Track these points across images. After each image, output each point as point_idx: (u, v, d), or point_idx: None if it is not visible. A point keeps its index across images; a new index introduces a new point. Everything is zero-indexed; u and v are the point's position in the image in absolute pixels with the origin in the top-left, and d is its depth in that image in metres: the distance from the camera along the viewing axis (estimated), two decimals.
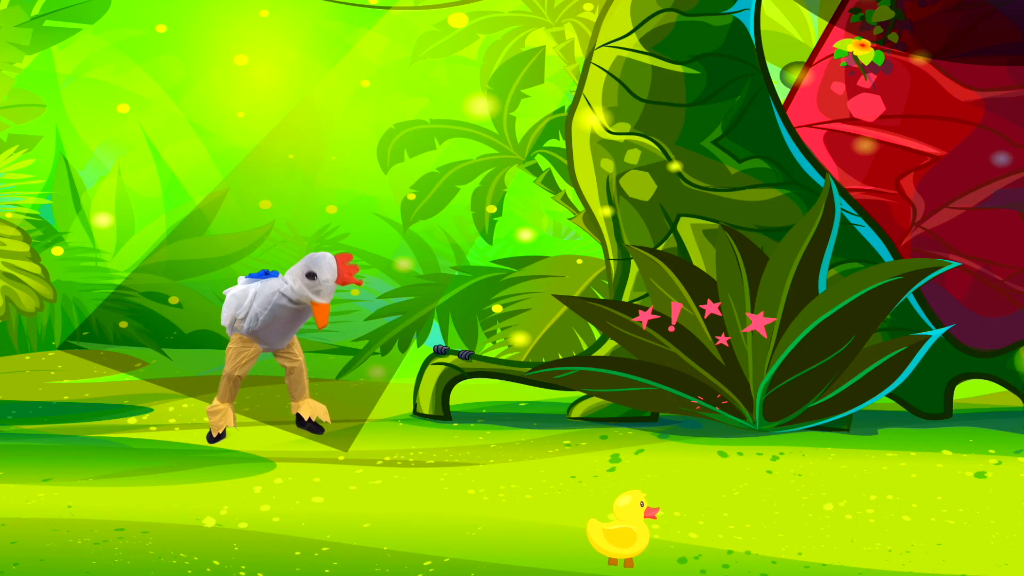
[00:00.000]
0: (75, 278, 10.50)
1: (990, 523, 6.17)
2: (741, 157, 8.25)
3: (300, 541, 5.86)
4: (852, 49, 8.58)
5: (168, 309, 10.50)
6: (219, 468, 7.18)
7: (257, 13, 10.24)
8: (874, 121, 8.60)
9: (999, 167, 8.50)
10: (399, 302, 10.16)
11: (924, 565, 5.61)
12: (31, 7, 10.33)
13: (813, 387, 7.83)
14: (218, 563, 5.59)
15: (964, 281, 8.47)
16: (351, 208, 10.28)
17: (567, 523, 6.16)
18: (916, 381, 8.07)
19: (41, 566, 5.56)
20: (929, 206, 8.56)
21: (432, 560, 5.64)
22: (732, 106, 8.28)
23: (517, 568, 5.61)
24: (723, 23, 8.31)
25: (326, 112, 10.12)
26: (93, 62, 10.42)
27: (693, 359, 7.93)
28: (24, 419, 8.36)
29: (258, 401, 8.79)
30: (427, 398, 8.38)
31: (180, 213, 10.45)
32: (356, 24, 10.14)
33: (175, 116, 10.42)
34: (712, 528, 6.06)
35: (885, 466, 7.18)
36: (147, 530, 5.99)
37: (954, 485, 6.81)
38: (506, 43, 9.99)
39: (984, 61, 8.54)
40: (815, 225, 7.80)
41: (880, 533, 6.01)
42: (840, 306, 7.76)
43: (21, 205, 10.41)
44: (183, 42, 10.37)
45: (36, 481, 6.79)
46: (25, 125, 10.42)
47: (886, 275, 7.82)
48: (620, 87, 8.30)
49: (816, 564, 5.62)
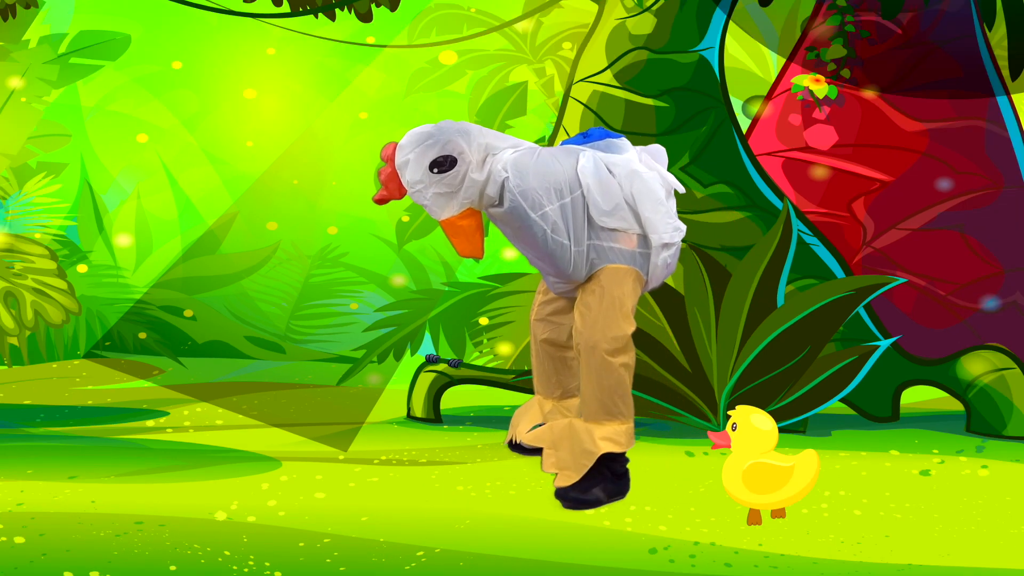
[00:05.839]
0: (98, 293, 10.49)
1: (934, 516, 6.19)
2: (707, 183, 8.27)
3: (304, 533, 5.86)
4: (808, 84, 8.60)
5: (183, 321, 10.49)
6: (229, 467, 7.18)
7: (265, 51, 10.25)
8: (828, 150, 8.62)
9: (942, 192, 8.52)
10: (394, 315, 10.15)
11: (873, 555, 5.62)
12: (58, 46, 10.33)
13: (773, 392, 7.84)
14: (228, 553, 5.59)
15: (910, 296, 8.48)
16: (350, 229, 10.28)
17: (548, 517, 6.17)
18: (866, 387, 8.08)
19: (67, 556, 5.56)
20: (878, 227, 8.58)
21: (424, 551, 5.65)
22: (698, 136, 8.29)
23: (503, 558, 5.62)
24: (690, 60, 8.33)
25: (328, 141, 10.13)
26: (115, 96, 10.42)
27: (662, 366, 7.93)
28: (52, 422, 8.35)
29: (265, 405, 8.79)
30: (420, 403, 8.38)
31: (194, 234, 10.44)
32: (355, 61, 10.14)
33: (190, 145, 10.41)
34: (680, 521, 6.07)
35: (838, 464, 7.19)
36: (164, 523, 5.99)
37: (901, 482, 6.82)
38: (492, 78, 10.00)
39: (929, 95, 8.55)
40: (774, 244, 7.82)
41: (833, 526, 6.02)
42: (797, 318, 7.77)
43: (49, 226, 10.40)
44: (197, 78, 10.37)
45: (62, 479, 6.78)
46: (52, 153, 10.42)
47: (839, 290, 7.83)
48: (596, 119, 8.31)
49: (775, 554, 5.63)
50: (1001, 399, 8.07)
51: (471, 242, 6.26)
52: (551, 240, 6.21)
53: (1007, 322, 8.49)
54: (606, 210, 6.20)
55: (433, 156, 6.12)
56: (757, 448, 6.11)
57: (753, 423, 6.13)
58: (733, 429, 6.11)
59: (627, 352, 6.33)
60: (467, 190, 6.16)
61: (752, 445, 6.10)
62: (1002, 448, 7.67)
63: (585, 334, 6.28)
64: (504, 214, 6.23)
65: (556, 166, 6.24)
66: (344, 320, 10.33)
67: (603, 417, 6.33)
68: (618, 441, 6.36)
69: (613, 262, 6.26)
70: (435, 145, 6.14)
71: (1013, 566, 5.49)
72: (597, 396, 6.31)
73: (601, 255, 6.25)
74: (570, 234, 6.23)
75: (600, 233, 6.24)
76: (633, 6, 8.30)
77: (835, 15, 8.55)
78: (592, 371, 6.30)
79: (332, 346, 10.34)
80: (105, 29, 10.38)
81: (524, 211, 6.16)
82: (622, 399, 6.35)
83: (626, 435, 6.40)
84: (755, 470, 6.08)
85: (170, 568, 5.41)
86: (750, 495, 6.08)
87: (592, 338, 6.25)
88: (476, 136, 6.20)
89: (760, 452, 6.11)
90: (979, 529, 5.99)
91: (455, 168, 6.10)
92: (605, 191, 6.20)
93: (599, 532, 5.96)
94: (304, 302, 10.47)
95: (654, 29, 8.30)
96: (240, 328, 10.51)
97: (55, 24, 10.36)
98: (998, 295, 8.50)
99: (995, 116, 8.55)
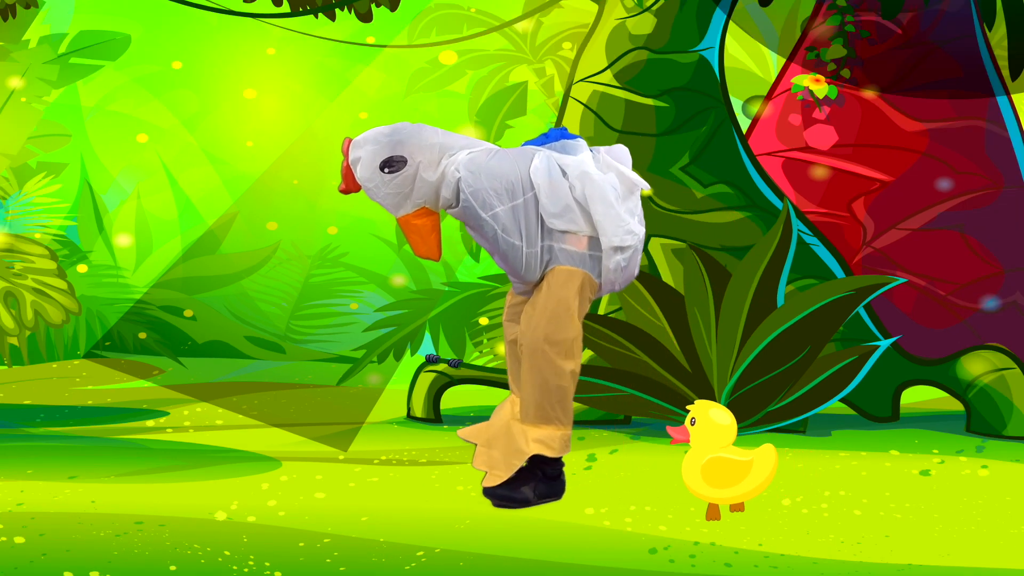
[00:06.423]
0: (98, 293, 10.49)
1: (934, 516, 6.18)
2: (707, 183, 8.26)
3: (304, 533, 5.85)
4: (808, 84, 8.60)
5: (183, 321, 10.50)
6: (229, 467, 7.18)
7: (265, 51, 10.25)
8: (828, 150, 8.61)
9: (942, 192, 8.52)
10: (394, 315, 10.15)
11: (873, 555, 5.61)
12: (58, 46, 10.33)
13: (773, 392, 7.84)
14: (228, 553, 5.58)
15: (910, 296, 8.48)
16: (351, 229, 10.28)
17: (547, 517, 6.16)
18: (866, 387, 8.07)
19: (67, 556, 5.55)
20: (878, 227, 8.57)
21: (424, 551, 5.64)
22: (698, 136, 8.29)
23: (503, 558, 5.61)
24: (690, 60, 8.33)
25: (328, 141, 10.12)
26: (115, 96, 10.43)
27: (662, 366, 7.93)
28: (52, 422, 8.34)
29: (265, 405, 8.79)
30: (420, 402, 8.38)
31: (194, 234, 10.45)
32: (355, 61, 10.15)
33: (190, 145, 10.42)
34: (680, 521, 6.06)
35: (838, 465, 7.18)
36: (164, 523, 5.98)
37: (901, 482, 6.82)
38: (492, 78, 10.01)
39: (929, 95, 8.55)
40: (774, 244, 7.81)
41: (833, 526, 6.01)
42: (797, 318, 7.76)
43: (49, 226, 10.40)
44: (197, 77, 10.38)
45: (62, 478, 6.78)
46: (52, 153, 10.42)
47: (839, 290, 7.82)
48: (596, 119, 8.31)
49: (775, 554, 5.62)
50: (1001, 399, 8.07)
51: (426, 242, 6.28)
52: (502, 240, 6.21)
53: (1007, 322, 8.49)
54: (555, 211, 6.19)
55: (384, 156, 6.17)
56: (716, 442, 6.10)
57: (712, 418, 6.12)
58: (692, 424, 6.11)
59: (572, 357, 6.25)
60: (419, 190, 6.20)
61: (711, 440, 6.10)
62: (1002, 448, 7.67)
63: (528, 335, 6.24)
64: (459, 213, 6.27)
65: (510, 167, 6.21)
66: (344, 320, 10.34)
67: (539, 420, 6.25)
68: (551, 446, 6.30)
69: (563, 264, 6.25)
70: (386, 145, 6.19)
71: (1013, 566, 5.48)
72: (535, 398, 6.24)
73: (554, 256, 6.25)
74: (522, 235, 6.22)
75: (553, 234, 6.24)
76: (633, 6, 8.30)
77: (835, 15, 8.54)
78: (533, 373, 6.25)
79: (332, 346, 10.34)
80: (105, 29, 10.38)
81: (475, 211, 6.18)
82: (560, 404, 6.24)
83: (560, 441, 6.30)
84: (714, 464, 6.08)
85: (170, 568, 5.40)
86: (709, 489, 6.08)
87: (534, 339, 6.21)
88: (429, 137, 6.24)
89: (719, 446, 6.10)
90: (979, 529, 5.98)
91: (405, 169, 6.15)
92: (554, 192, 6.19)
93: (599, 532, 5.95)
94: (304, 302, 10.48)
95: (654, 29, 8.30)
96: (240, 328, 10.51)
97: (55, 24, 10.37)
98: (998, 295, 8.49)
99: (995, 116, 8.55)
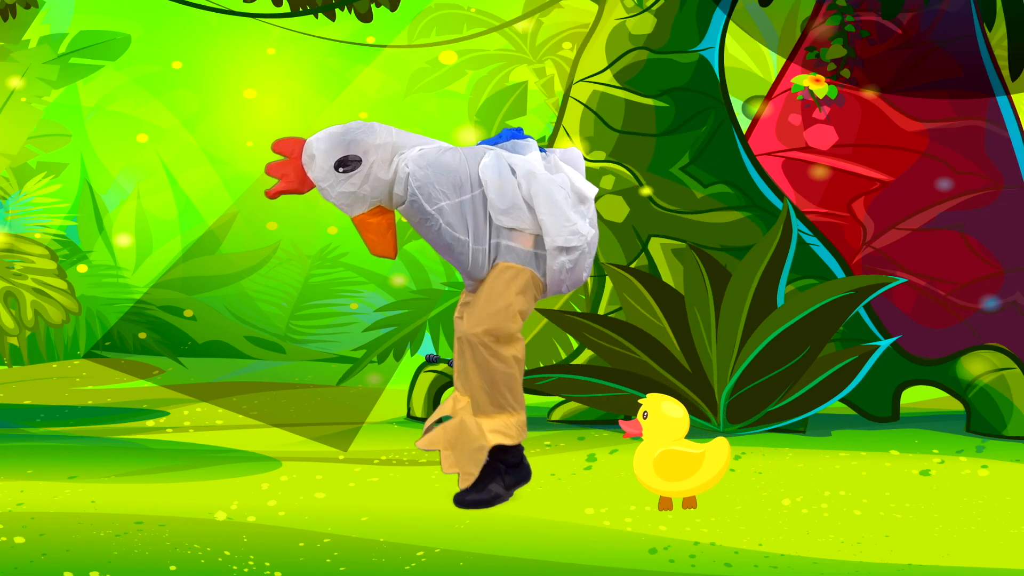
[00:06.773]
0: (98, 293, 10.50)
1: (934, 516, 6.17)
2: (706, 183, 8.26)
3: (304, 533, 5.85)
4: (808, 84, 8.60)
5: (183, 321, 10.50)
6: (230, 467, 7.17)
7: (265, 51, 10.26)
8: (828, 150, 8.61)
9: (942, 192, 8.51)
10: (394, 315, 10.16)
11: (873, 555, 5.61)
12: (58, 46, 10.33)
13: (773, 392, 7.83)
14: (229, 553, 5.58)
15: (910, 296, 8.47)
16: (350, 229, 10.17)
17: (547, 517, 6.15)
18: (866, 387, 8.07)
19: (67, 556, 5.54)
20: (878, 227, 8.57)
21: (424, 551, 5.63)
22: (698, 136, 8.29)
23: (503, 558, 5.61)
24: (690, 60, 8.33)
25: None
26: (115, 96, 10.43)
27: (662, 366, 7.93)
28: (52, 422, 8.34)
29: (265, 405, 8.79)
30: (420, 402, 8.38)
31: (194, 234, 10.45)
32: (355, 61, 10.15)
33: (190, 145, 10.42)
34: (680, 521, 6.06)
35: (838, 464, 7.18)
36: (164, 523, 5.98)
37: (901, 482, 6.81)
38: (492, 78, 10.01)
39: (928, 95, 8.55)
40: (774, 244, 7.81)
41: (833, 526, 6.01)
42: (797, 318, 7.76)
43: (49, 226, 10.40)
44: (197, 77, 10.38)
45: (62, 478, 6.77)
46: (52, 153, 10.42)
47: (839, 290, 7.82)
48: (596, 119, 8.31)
49: (775, 554, 5.62)
50: (1001, 399, 8.07)
51: (383, 240, 6.32)
52: (447, 234, 6.25)
53: (1007, 322, 8.48)
54: (502, 208, 6.23)
55: (338, 155, 6.20)
56: (668, 436, 6.10)
57: (664, 411, 6.12)
58: (644, 417, 6.11)
59: (512, 344, 6.29)
60: (374, 189, 6.23)
61: (663, 433, 6.10)
62: (1002, 448, 7.66)
63: (468, 331, 6.29)
64: (406, 209, 6.30)
65: (460, 163, 6.26)
66: (344, 320, 10.34)
67: (492, 410, 6.29)
68: (508, 433, 6.33)
69: (509, 261, 6.28)
70: (340, 145, 6.22)
71: (1013, 566, 5.48)
72: (484, 389, 6.28)
73: (500, 253, 6.29)
74: (469, 230, 6.26)
75: (500, 232, 6.27)
76: (633, 6, 8.29)
77: (835, 15, 8.54)
78: (478, 365, 6.29)
79: (332, 346, 10.34)
80: (105, 29, 10.39)
81: (421, 204, 6.22)
82: (510, 391, 6.28)
83: (516, 427, 6.35)
84: (666, 457, 6.08)
85: (170, 568, 5.39)
86: (661, 483, 6.09)
87: (474, 334, 6.26)
88: (383, 135, 6.27)
89: (671, 440, 6.11)
90: (979, 529, 5.98)
91: (359, 168, 6.18)
92: (502, 189, 6.23)
93: (599, 532, 5.95)
94: (304, 302, 10.48)
95: (654, 29, 8.30)
96: (240, 328, 10.51)
97: (55, 24, 10.37)
98: (998, 295, 8.49)
99: (995, 116, 8.54)
